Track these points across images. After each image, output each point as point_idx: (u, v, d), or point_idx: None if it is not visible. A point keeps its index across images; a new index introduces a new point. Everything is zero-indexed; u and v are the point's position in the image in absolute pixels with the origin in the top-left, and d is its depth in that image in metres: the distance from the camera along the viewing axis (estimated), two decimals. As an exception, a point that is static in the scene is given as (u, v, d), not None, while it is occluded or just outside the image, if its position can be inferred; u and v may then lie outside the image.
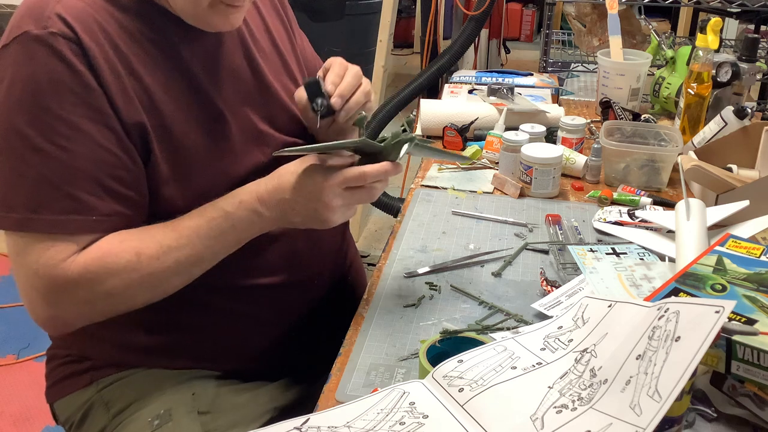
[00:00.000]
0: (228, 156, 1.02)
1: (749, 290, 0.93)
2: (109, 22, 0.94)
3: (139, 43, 0.96)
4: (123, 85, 0.93)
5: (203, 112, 1.01)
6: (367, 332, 1.04)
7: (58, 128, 0.89)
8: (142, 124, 0.94)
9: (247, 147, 1.05)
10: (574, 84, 2.48)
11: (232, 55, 1.06)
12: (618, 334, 0.85)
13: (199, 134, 1.00)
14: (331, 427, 0.82)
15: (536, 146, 1.45)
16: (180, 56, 0.99)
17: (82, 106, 0.90)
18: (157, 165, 0.96)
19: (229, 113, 1.03)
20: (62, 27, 0.89)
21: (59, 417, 1.13)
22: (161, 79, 0.97)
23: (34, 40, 0.89)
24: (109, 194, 0.93)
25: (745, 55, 1.74)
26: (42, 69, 0.89)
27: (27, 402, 2.19)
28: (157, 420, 1.01)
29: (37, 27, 0.89)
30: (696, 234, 1.15)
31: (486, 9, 2.45)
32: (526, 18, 5.88)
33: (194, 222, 0.96)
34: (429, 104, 1.77)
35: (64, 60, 0.89)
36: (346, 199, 0.95)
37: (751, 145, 1.45)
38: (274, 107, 1.11)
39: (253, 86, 1.08)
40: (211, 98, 1.02)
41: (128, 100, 0.93)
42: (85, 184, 0.91)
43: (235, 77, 1.06)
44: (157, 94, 0.96)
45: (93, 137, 0.91)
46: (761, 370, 0.82)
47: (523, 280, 1.18)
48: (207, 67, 1.02)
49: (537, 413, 0.79)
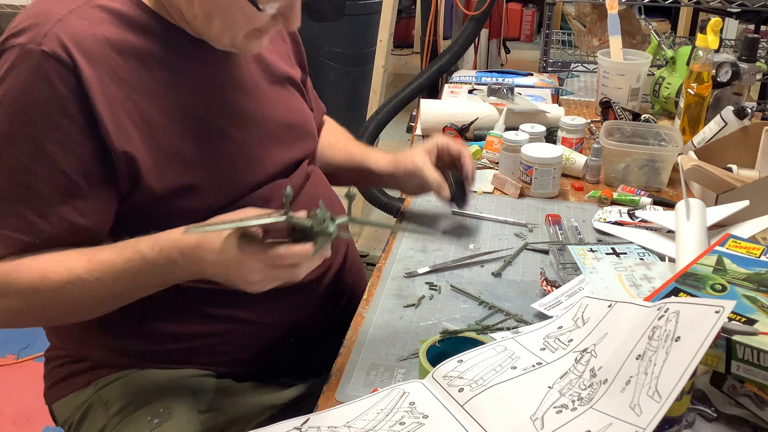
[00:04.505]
0: (226, 175, 1.02)
1: (749, 290, 0.93)
2: (115, 43, 0.92)
3: (145, 64, 0.95)
4: (116, 113, 0.92)
5: (205, 134, 1.00)
6: (367, 332, 1.04)
7: (23, 145, 0.89)
8: (131, 154, 0.93)
9: (247, 165, 1.04)
10: (574, 84, 2.48)
11: (245, 72, 1.06)
12: (618, 334, 0.85)
13: (199, 154, 0.99)
14: (331, 427, 0.82)
15: (536, 146, 1.45)
16: (190, 76, 0.98)
17: (53, 130, 0.89)
18: (146, 188, 0.95)
19: (235, 132, 1.03)
20: (56, 48, 0.88)
21: (58, 418, 1.13)
22: (163, 101, 0.96)
23: (24, 53, 0.88)
24: (57, 219, 0.92)
25: (745, 55, 1.74)
26: (22, 85, 0.88)
27: (27, 402, 2.19)
28: (157, 419, 1.01)
29: (32, 41, 0.88)
30: (696, 234, 1.15)
31: (486, 9, 2.45)
32: (526, 18, 5.88)
33: (110, 257, 0.93)
34: (429, 104, 1.77)
35: (47, 81, 0.88)
36: (265, 275, 0.88)
37: (751, 145, 1.45)
38: (283, 123, 1.11)
39: (263, 101, 1.08)
40: (216, 118, 1.01)
41: (120, 129, 0.92)
42: (36, 204, 0.90)
43: (245, 93, 1.06)
44: (155, 118, 0.95)
45: (55, 162, 0.90)
46: (761, 370, 0.82)
47: (523, 280, 1.18)
48: (216, 86, 1.02)
49: (537, 413, 0.79)
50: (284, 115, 1.13)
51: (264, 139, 1.08)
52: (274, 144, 1.09)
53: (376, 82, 2.99)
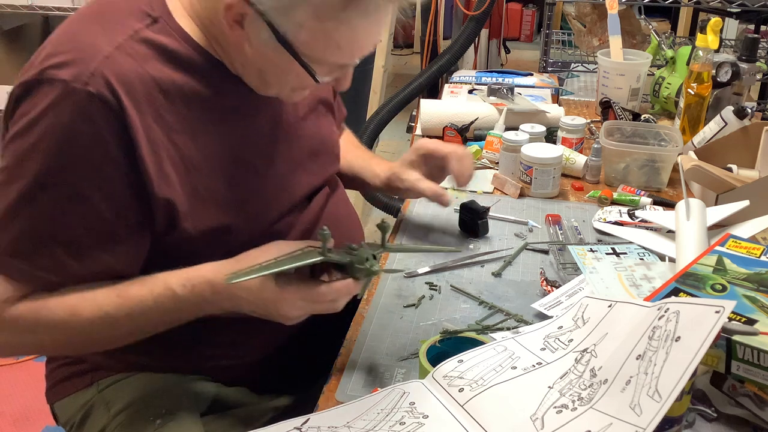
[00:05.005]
0: (256, 211, 1.00)
1: (749, 290, 0.93)
2: (160, 82, 0.88)
3: (187, 103, 0.91)
4: (158, 158, 0.88)
5: (238, 172, 0.97)
6: (367, 332, 1.04)
7: (62, 187, 0.86)
8: (170, 200, 0.90)
9: (276, 197, 1.03)
10: (574, 84, 2.48)
11: (283, 105, 1.04)
12: (618, 334, 0.85)
13: (231, 194, 0.96)
14: (331, 427, 0.82)
15: (536, 146, 1.45)
16: (229, 115, 0.96)
17: (94, 174, 0.86)
18: (181, 231, 0.93)
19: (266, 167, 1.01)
20: (103, 90, 0.83)
21: (60, 418, 1.13)
22: (203, 141, 0.93)
23: (68, 92, 0.83)
24: (91, 262, 0.90)
25: (745, 55, 1.74)
26: (64, 126, 0.84)
27: (27, 402, 2.19)
28: (159, 419, 1.01)
29: (77, 80, 0.83)
30: (696, 234, 1.15)
31: (486, 9, 2.44)
32: (526, 18, 5.88)
33: (140, 293, 0.91)
34: (429, 104, 1.77)
35: (92, 123, 0.84)
36: (304, 311, 0.90)
37: (751, 145, 1.45)
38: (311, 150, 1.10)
39: (295, 132, 1.07)
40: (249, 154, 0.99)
41: (161, 175, 0.89)
42: (72, 248, 0.88)
43: (280, 127, 1.04)
44: (194, 160, 0.92)
45: (94, 206, 0.87)
46: (761, 370, 0.82)
47: (523, 280, 1.18)
48: (253, 123, 0.99)
49: (537, 413, 0.79)
50: (313, 142, 1.11)
51: (292, 168, 1.06)
52: (301, 171, 1.08)
53: (376, 82, 2.98)
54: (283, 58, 0.86)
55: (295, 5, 0.82)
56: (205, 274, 0.91)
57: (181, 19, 0.92)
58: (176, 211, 0.91)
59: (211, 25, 0.91)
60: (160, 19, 0.90)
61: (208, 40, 0.93)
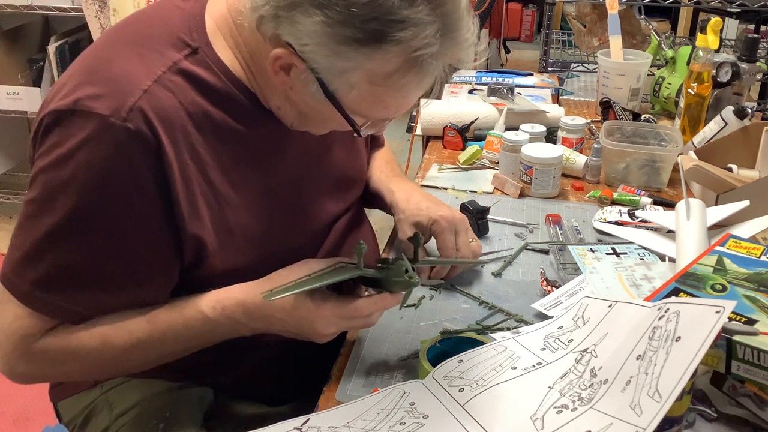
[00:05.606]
0: (285, 242, 0.99)
1: (749, 290, 0.93)
2: (195, 117, 0.87)
3: (221, 138, 0.89)
4: (191, 195, 0.87)
5: (267, 205, 0.96)
6: (367, 332, 1.04)
7: (97, 225, 0.84)
8: (201, 238, 0.89)
9: (303, 225, 1.03)
10: (574, 84, 2.48)
11: (315, 137, 1.01)
12: (618, 334, 0.85)
13: (260, 228, 0.96)
14: (331, 427, 0.82)
15: (536, 146, 1.45)
16: (262, 149, 0.95)
17: (129, 211, 0.84)
18: (209, 267, 0.92)
19: (294, 197, 1.01)
20: (142, 126, 0.81)
21: (63, 417, 1.13)
22: (235, 176, 0.92)
23: (106, 127, 0.80)
24: (123, 295, 0.89)
25: (745, 55, 1.74)
26: (100, 161, 0.81)
27: (27, 402, 2.19)
28: (163, 424, 1.01)
29: (115, 114, 0.80)
30: (696, 234, 1.15)
31: (486, 9, 2.45)
32: (526, 18, 5.88)
33: (171, 318, 0.90)
34: (429, 104, 1.77)
35: (128, 159, 0.81)
36: (340, 327, 0.90)
37: (751, 145, 1.45)
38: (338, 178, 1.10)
39: (325, 161, 1.06)
40: (279, 186, 0.98)
41: (194, 212, 0.87)
42: (104, 283, 0.87)
43: (310, 158, 1.03)
44: (225, 196, 0.91)
45: (128, 243, 0.85)
46: (761, 370, 0.82)
47: (523, 280, 1.18)
48: (284, 156, 0.98)
49: (537, 413, 0.79)
50: (341, 169, 1.10)
51: (318, 196, 1.05)
52: (327, 198, 1.07)
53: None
54: (328, 109, 0.85)
55: (350, 69, 0.80)
56: (236, 295, 0.90)
57: (221, 50, 0.89)
58: (205, 248, 0.90)
59: (251, 61, 0.89)
60: (200, 50, 0.88)
61: (246, 73, 0.90)
